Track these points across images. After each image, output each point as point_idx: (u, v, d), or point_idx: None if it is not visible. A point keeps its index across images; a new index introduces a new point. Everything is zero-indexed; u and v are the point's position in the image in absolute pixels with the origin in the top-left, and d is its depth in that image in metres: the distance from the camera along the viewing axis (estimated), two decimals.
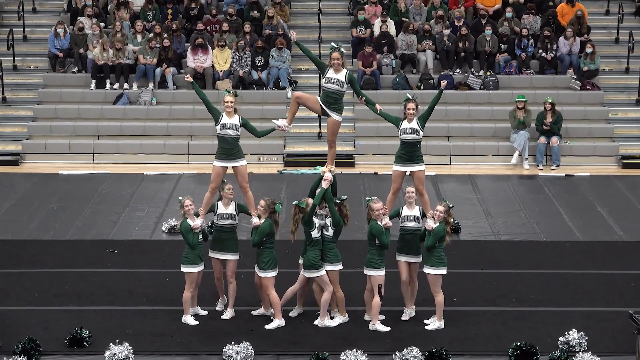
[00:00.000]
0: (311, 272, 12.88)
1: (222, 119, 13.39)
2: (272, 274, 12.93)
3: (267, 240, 12.90)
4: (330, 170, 13.09)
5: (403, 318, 13.27)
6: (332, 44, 13.50)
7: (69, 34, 24.15)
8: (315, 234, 12.83)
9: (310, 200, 12.92)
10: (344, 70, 13.26)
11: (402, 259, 13.15)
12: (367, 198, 13.07)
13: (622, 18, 25.41)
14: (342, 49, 13.35)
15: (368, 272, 12.87)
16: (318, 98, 13.44)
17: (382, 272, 12.81)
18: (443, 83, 13.85)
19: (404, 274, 13.16)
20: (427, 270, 12.86)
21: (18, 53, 24.58)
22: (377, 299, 12.85)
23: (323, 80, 13.39)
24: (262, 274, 12.93)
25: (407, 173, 13.61)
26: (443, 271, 12.87)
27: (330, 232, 12.92)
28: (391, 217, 13.09)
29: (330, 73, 13.29)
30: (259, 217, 12.97)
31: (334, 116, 13.33)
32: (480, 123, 22.90)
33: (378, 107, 13.47)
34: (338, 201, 13.01)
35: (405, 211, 13.15)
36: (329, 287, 12.89)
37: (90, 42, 23.93)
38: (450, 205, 12.87)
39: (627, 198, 19.49)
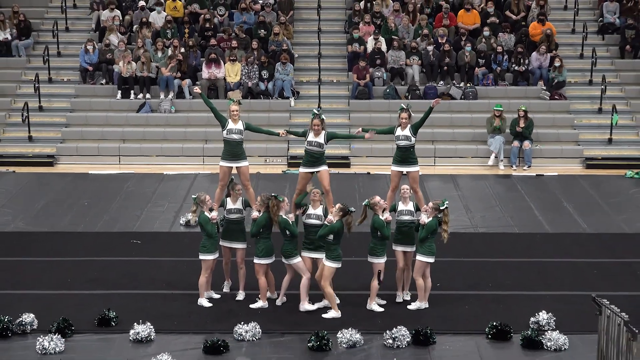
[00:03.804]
0: (288, 259, 12.88)
1: (228, 124, 13.53)
2: (264, 261, 12.96)
3: (264, 231, 12.90)
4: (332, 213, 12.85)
5: (397, 300, 13.31)
6: (314, 110, 13.44)
7: (98, 50, 24.19)
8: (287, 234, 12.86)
9: (285, 203, 12.84)
10: (323, 132, 13.24)
11: (399, 248, 13.17)
12: (365, 201, 12.99)
13: (586, 36, 25.43)
14: (323, 116, 13.29)
15: (371, 259, 12.87)
16: (302, 169, 13.42)
17: (383, 260, 12.82)
18: (434, 102, 13.95)
19: (401, 262, 13.20)
20: (418, 257, 12.89)
21: (53, 67, 24.59)
22: (375, 283, 12.86)
23: (305, 143, 13.41)
24: (255, 260, 12.97)
25: (404, 173, 13.73)
26: (431, 259, 12.90)
27: (330, 237, 12.80)
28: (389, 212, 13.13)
29: (311, 137, 13.33)
30: (259, 211, 13.00)
31: (324, 167, 13.39)
32: (461, 129, 22.92)
33: (370, 134, 13.78)
34: (346, 209, 12.72)
35: (401, 206, 13.18)
36: (306, 274, 12.87)
37: (117, 57, 23.96)
38: (441, 207, 12.80)
39: (591, 195, 19.51)
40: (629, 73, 24.68)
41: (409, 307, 13.07)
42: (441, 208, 12.78)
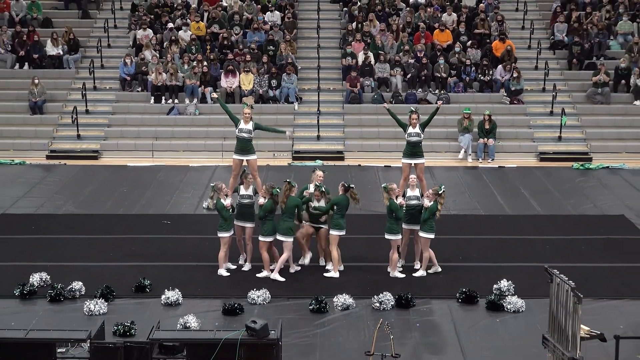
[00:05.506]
0: (285, 237, 12.79)
1: (240, 124, 13.49)
2: (268, 239, 12.91)
3: (269, 214, 12.88)
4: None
5: (416, 267, 13.32)
6: (317, 161, 13.13)
7: (134, 63, 24.11)
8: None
9: (295, 188, 12.83)
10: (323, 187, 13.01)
11: (407, 227, 13.18)
12: (383, 185, 12.97)
13: (540, 51, 25.37)
14: (324, 170, 12.97)
15: (389, 236, 12.81)
16: (305, 224, 13.11)
17: (399, 237, 12.83)
18: (439, 104, 14.46)
19: (406, 238, 13.24)
20: (422, 234, 12.86)
21: (97, 77, 24.51)
22: (395, 255, 12.88)
23: (307, 195, 13.07)
24: (260, 238, 12.93)
25: (412, 164, 13.79)
26: (432, 235, 12.90)
27: (335, 208, 12.88)
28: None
29: (311, 189, 13.04)
30: (264, 197, 12.96)
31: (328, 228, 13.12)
32: (436, 128, 22.76)
33: (386, 104, 14.35)
34: (346, 185, 12.93)
35: (409, 192, 13.21)
36: (289, 253, 12.86)
37: (150, 69, 23.88)
38: (439, 191, 12.83)
39: (544, 183, 19.50)
40: (576, 82, 24.63)
41: (414, 274, 13.04)
42: (439, 192, 12.81)
